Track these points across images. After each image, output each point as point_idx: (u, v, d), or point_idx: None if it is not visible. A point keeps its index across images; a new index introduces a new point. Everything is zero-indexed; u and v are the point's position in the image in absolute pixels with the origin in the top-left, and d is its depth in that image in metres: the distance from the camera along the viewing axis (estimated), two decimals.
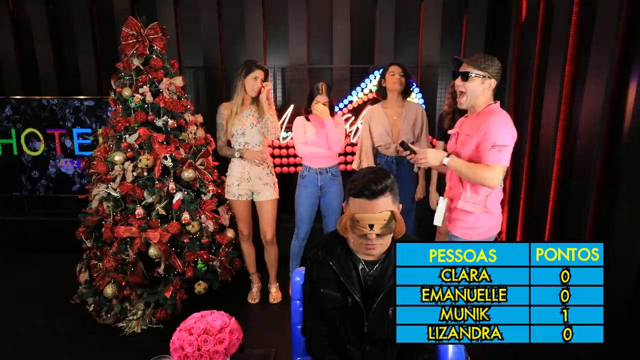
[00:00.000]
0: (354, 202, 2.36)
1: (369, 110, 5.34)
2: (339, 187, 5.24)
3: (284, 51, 6.45)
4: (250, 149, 4.96)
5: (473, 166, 3.45)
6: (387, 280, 2.49)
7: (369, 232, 2.34)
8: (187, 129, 5.00)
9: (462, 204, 3.64)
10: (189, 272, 4.74)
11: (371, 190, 2.30)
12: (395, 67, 5.04)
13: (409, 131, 5.11)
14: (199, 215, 4.88)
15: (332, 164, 5.20)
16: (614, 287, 3.88)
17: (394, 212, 2.36)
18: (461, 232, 3.73)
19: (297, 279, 2.99)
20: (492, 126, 3.38)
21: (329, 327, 2.69)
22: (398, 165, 5.19)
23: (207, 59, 6.48)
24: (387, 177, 2.37)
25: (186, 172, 4.77)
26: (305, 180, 5.18)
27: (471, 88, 3.51)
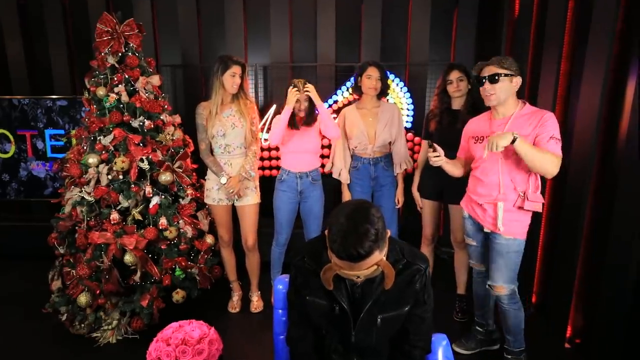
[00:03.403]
0: (337, 260, 2.27)
1: (343, 112, 5.37)
2: (319, 191, 5.27)
3: (266, 48, 6.51)
4: (234, 178, 4.93)
5: (541, 150, 3.60)
6: (376, 288, 2.51)
7: (356, 280, 2.39)
8: (165, 130, 5.02)
9: (531, 205, 3.82)
10: (167, 280, 4.74)
11: (353, 257, 2.19)
12: (373, 70, 5.04)
13: (385, 131, 5.15)
14: (177, 221, 4.88)
15: (313, 168, 5.21)
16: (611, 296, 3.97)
17: (380, 264, 2.29)
18: (521, 233, 3.92)
19: (280, 287, 3.00)
20: (550, 120, 3.64)
21: (315, 336, 2.73)
22: (375, 167, 5.23)
23: (186, 56, 6.53)
24: (371, 230, 2.20)
25: (163, 176, 4.78)
26: (284, 185, 5.19)
27: (501, 88, 3.77)
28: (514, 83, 3.78)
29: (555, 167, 3.60)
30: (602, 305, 4.08)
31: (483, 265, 4.39)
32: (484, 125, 4.02)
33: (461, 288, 5.32)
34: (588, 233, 4.29)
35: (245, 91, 4.99)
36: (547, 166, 3.59)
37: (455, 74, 4.84)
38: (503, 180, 3.86)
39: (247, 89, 5.04)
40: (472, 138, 4.11)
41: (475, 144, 4.06)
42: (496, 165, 3.87)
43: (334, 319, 2.58)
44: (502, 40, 5.83)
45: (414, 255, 2.61)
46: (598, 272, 4.13)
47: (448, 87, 4.88)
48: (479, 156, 4.00)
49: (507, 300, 4.01)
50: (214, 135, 4.91)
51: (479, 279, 4.50)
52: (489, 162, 3.92)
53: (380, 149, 5.21)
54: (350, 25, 6.42)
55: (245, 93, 4.99)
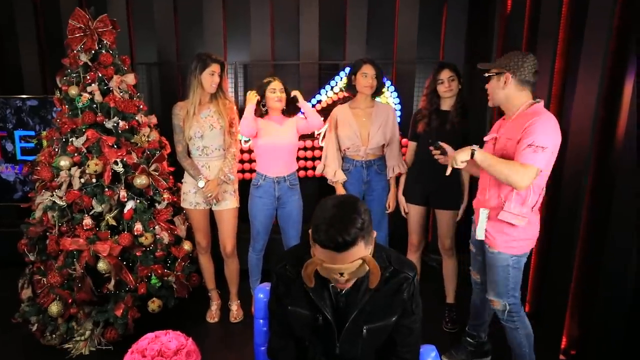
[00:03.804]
0: (320, 250, 2.28)
1: (335, 111, 5.38)
2: (297, 196, 5.30)
3: (246, 46, 6.52)
4: (213, 182, 4.94)
5: (502, 161, 3.53)
6: (361, 297, 2.51)
7: (339, 278, 2.32)
8: (140, 131, 5.02)
9: (505, 216, 3.69)
10: (142, 289, 4.75)
11: (338, 243, 2.20)
12: (368, 68, 5.04)
13: (379, 133, 5.16)
14: (153, 226, 4.89)
15: (291, 172, 5.23)
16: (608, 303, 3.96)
17: (365, 259, 2.29)
18: (506, 247, 3.78)
19: (261, 295, 3.01)
20: (534, 125, 3.47)
21: (297, 347, 2.74)
22: (368, 170, 5.24)
23: (162, 54, 6.54)
24: (357, 219, 2.25)
25: (139, 179, 4.78)
26: (260, 190, 5.20)
27: (491, 88, 3.78)
28: (501, 81, 3.67)
29: (520, 180, 3.44)
30: (599, 313, 4.07)
31: (479, 275, 4.34)
32: (497, 126, 3.95)
33: (450, 297, 5.34)
34: (584, 236, 4.28)
35: (224, 91, 5.03)
36: (512, 178, 3.46)
37: (447, 74, 4.85)
38: (489, 183, 3.84)
39: (226, 88, 5.08)
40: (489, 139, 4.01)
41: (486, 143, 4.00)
42: None
43: (317, 329, 2.58)
44: (493, 36, 5.87)
45: (402, 262, 2.62)
46: (595, 277, 4.10)
47: (439, 86, 4.89)
48: None
49: (502, 315, 3.97)
50: (191, 136, 4.91)
51: (476, 288, 4.46)
52: None
53: (374, 151, 5.23)
54: (334, 21, 6.43)
55: (224, 93, 5.03)
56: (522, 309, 3.97)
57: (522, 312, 3.97)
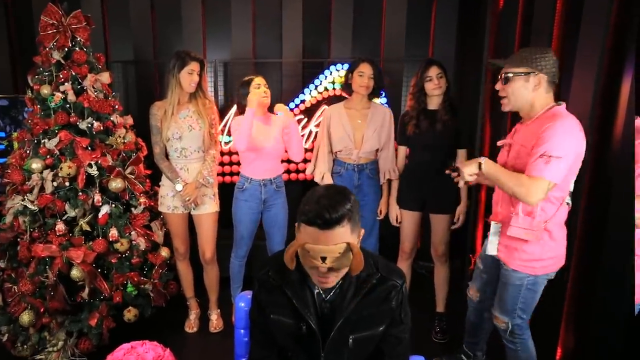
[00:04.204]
0: (305, 229, 2.30)
1: (329, 110, 5.39)
2: (283, 199, 5.32)
3: (226, 43, 6.54)
4: (191, 185, 4.95)
5: (510, 174, 3.39)
6: (347, 305, 2.51)
7: (320, 265, 2.30)
8: (115, 133, 5.01)
9: (513, 231, 3.53)
10: (117, 297, 4.75)
11: (325, 219, 2.23)
12: (366, 67, 5.05)
13: (374, 137, 5.18)
14: (129, 232, 4.89)
15: (277, 174, 5.25)
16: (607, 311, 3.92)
17: (350, 245, 2.30)
18: (522, 266, 3.60)
19: (241, 304, 3.00)
20: (548, 132, 3.26)
21: (280, 357, 2.73)
22: (360, 174, 5.25)
23: (138, 51, 6.55)
24: (346, 201, 2.30)
25: (114, 182, 4.78)
26: (245, 194, 5.19)
27: (513, 90, 3.51)
28: (531, 83, 3.44)
29: (528, 194, 3.26)
30: (595, 324, 4.04)
31: (478, 294, 4.23)
32: (513, 130, 3.78)
33: (440, 306, 5.38)
34: (581, 241, 4.24)
35: (204, 90, 5.04)
36: (519, 192, 3.29)
37: (435, 70, 4.86)
38: (502, 195, 3.75)
39: (206, 87, 5.10)
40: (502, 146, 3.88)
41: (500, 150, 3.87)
42: None
43: (300, 339, 2.57)
44: (485, 33, 5.86)
45: (390, 269, 2.63)
46: (592, 283, 4.07)
47: (427, 84, 4.89)
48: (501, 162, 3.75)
49: (505, 335, 3.89)
50: (169, 138, 4.92)
51: (471, 306, 4.38)
52: None
53: (367, 155, 5.25)
54: (319, 17, 6.46)
55: (204, 92, 5.04)
56: (527, 332, 3.88)
57: (527, 335, 3.88)
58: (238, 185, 5.25)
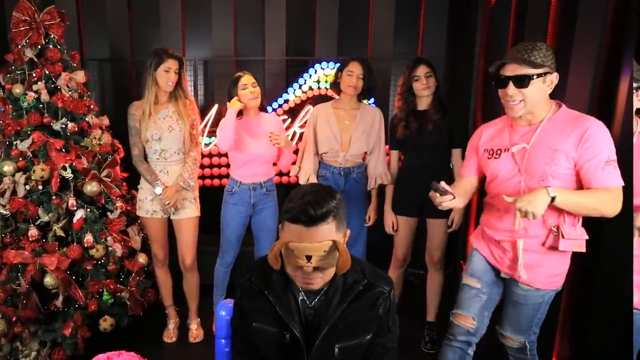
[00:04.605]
0: (289, 227, 2.33)
1: (316, 109, 5.39)
2: (273, 202, 5.32)
3: (207, 40, 6.55)
4: (171, 188, 4.93)
5: (588, 194, 3.16)
6: (332, 312, 2.51)
7: (305, 264, 2.31)
8: (91, 134, 5.03)
9: (567, 244, 3.31)
10: (93, 305, 4.75)
11: (309, 215, 2.26)
12: (356, 66, 5.02)
13: (362, 139, 5.17)
14: (105, 237, 4.88)
15: (268, 178, 5.25)
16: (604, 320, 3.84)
17: (336, 242, 2.32)
18: (547, 283, 3.48)
19: (223, 313, 3.00)
20: (599, 134, 3.15)
21: None
22: (346, 178, 5.24)
23: (115, 49, 6.54)
24: (331, 199, 2.35)
25: (89, 186, 4.78)
26: (234, 197, 5.20)
27: (532, 93, 3.25)
28: (548, 83, 3.29)
29: (612, 207, 3.12)
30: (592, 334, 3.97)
31: (475, 321, 3.76)
32: (503, 134, 3.54)
33: (431, 315, 5.39)
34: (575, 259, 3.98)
35: (184, 90, 5.04)
36: (603, 210, 3.13)
37: (423, 69, 4.88)
38: None
39: (186, 87, 5.10)
40: (487, 151, 3.62)
41: (490, 159, 3.57)
42: (517, 190, 3.39)
43: (284, 348, 2.56)
44: (477, 30, 5.95)
45: (377, 276, 2.64)
46: (588, 291, 3.97)
47: (415, 84, 4.91)
48: (495, 176, 3.53)
49: (515, 352, 3.80)
50: (148, 139, 4.90)
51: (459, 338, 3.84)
52: (509, 185, 3.44)
53: (354, 158, 5.23)
54: (303, 13, 6.48)
55: (185, 92, 5.04)
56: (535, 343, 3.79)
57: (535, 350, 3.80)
58: (227, 189, 5.26)
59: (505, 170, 3.47)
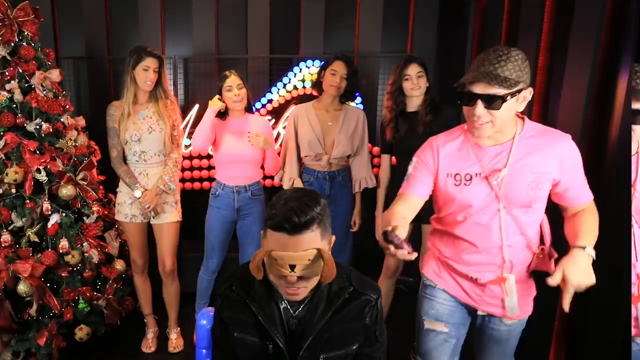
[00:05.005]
0: (272, 235, 2.33)
1: (296, 110, 5.40)
2: (260, 208, 5.27)
3: (187, 38, 6.56)
4: (151, 191, 4.92)
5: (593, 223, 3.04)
6: (317, 321, 2.51)
7: (289, 274, 2.31)
8: (66, 135, 5.03)
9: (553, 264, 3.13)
10: (68, 314, 4.76)
11: (292, 223, 2.26)
12: (340, 65, 5.05)
13: (346, 142, 5.19)
14: (81, 243, 4.89)
15: (253, 181, 5.23)
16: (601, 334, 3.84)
17: (320, 251, 2.33)
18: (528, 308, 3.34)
19: (204, 322, 3.00)
20: (576, 151, 3.06)
21: None
22: (332, 183, 5.26)
23: (91, 47, 6.55)
24: (315, 205, 2.34)
25: (64, 189, 4.79)
26: (218, 201, 5.19)
27: (503, 114, 2.87)
28: (520, 99, 2.92)
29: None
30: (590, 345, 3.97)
31: None
32: (468, 156, 3.13)
33: None
34: None
35: (165, 89, 5.04)
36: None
37: (415, 69, 4.87)
38: (508, 239, 3.09)
39: (167, 86, 5.11)
40: (452, 177, 3.16)
41: (459, 186, 3.14)
42: (496, 218, 3.08)
43: (267, 359, 2.57)
44: (468, 28, 5.93)
45: (363, 283, 2.65)
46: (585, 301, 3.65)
47: (404, 84, 4.91)
48: (467, 205, 3.12)
49: None
50: (127, 140, 4.90)
51: None
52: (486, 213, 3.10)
53: (338, 160, 5.25)
54: (287, 9, 6.50)
55: (166, 91, 5.04)
56: None
57: None
58: (212, 192, 5.27)
59: (480, 199, 3.09)
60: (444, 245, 3.37)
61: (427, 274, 3.51)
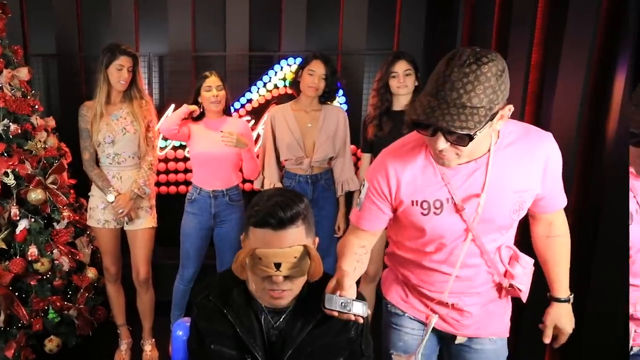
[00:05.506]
0: (256, 233, 2.32)
1: (273, 111, 5.39)
2: (239, 214, 5.29)
3: (162, 34, 6.56)
4: (125, 196, 4.89)
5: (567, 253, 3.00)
6: (298, 333, 2.50)
7: (274, 273, 2.29)
8: (35, 137, 5.05)
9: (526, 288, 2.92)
10: (37, 325, 4.78)
11: (278, 218, 2.26)
12: (318, 65, 5.01)
13: (327, 143, 5.19)
14: (51, 250, 4.91)
15: (231, 185, 5.25)
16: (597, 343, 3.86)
17: (307, 247, 2.33)
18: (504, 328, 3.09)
19: (179, 333, 2.99)
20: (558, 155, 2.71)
21: None
22: (314, 187, 5.27)
23: (61, 44, 6.54)
24: (300, 201, 2.36)
25: (33, 193, 4.80)
26: (194, 206, 5.20)
27: (473, 146, 2.40)
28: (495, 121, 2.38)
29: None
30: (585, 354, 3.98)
31: None
32: (432, 176, 2.69)
33: None
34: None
35: (140, 89, 5.05)
36: None
37: (403, 66, 4.90)
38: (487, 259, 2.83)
39: (142, 86, 5.12)
40: (418, 205, 2.73)
41: (427, 216, 2.73)
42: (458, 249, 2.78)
43: None
44: (458, 23, 5.95)
45: None
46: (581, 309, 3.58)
47: (391, 81, 4.93)
48: (438, 236, 2.76)
49: None
50: (100, 142, 4.88)
51: None
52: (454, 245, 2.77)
53: (320, 163, 5.24)
54: (268, 5, 6.52)
55: (140, 91, 5.05)
56: None
57: None
58: (188, 196, 5.28)
59: (455, 228, 2.73)
60: (409, 272, 3.04)
61: (391, 299, 3.21)
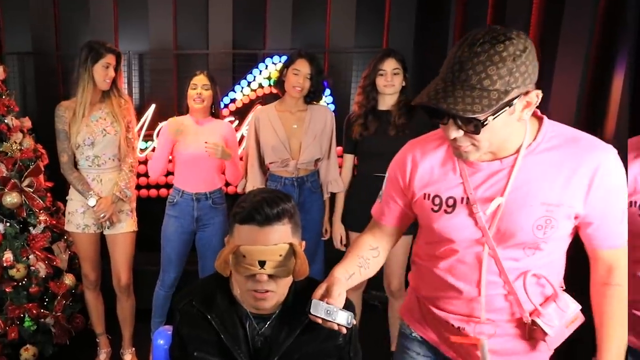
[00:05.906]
0: (240, 230, 2.34)
1: (256, 113, 5.38)
2: (222, 218, 5.32)
3: (143, 31, 6.57)
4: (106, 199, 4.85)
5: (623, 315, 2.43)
6: (284, 339, 2.50)
7: (258, 271, 2.29)
8: (10, 138, 5.08)
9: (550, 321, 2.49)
10: (13, 333, 4.81)
11: (264, 213, 2.27)
12: (303, 64, 4.97)
13: (314, 145, 5.17)
14: (27, 256, 4.94)
15: (215, 188, 5.26)
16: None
17: (293, 246, 2.34)
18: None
19: (161, 341, 2.99)
20: (617, 172, 2.33)
21: None
22: (300, 189, 5.27)
23: (38, 42, 6.56)
24: (287, 200, 2.39)
25: (9, 197, 4.85)
26: (175, 209, 5.20)
27: (490, 136, 2.22)
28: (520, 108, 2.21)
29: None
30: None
31: None
32: (450, 171, 2.52)
33: (395, 344, 5.30)
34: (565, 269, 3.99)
35: (119, 88, 5.04)
36: None
37: (391, 64, 4.86)
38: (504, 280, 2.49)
39: (121, 85, 5.16)
40: (430, 199, 2.56)
41: (438, 213, 2.54)
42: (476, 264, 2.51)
43: None
44: (449, 20, 6.00)
45: None
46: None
47: (378, 79, 4.89)
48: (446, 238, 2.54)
49: None
50: (79, 144, 4.85)
51: None
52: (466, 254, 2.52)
53: (306, 166, 5.21)
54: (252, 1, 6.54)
55: (119, 90, 5.04)
56: None
57: None
58: (169, 199, 5.29)
59: (467, 233, 2.49)
60: (421, 281, 2.86)
61: (402, 315, 3.14)
